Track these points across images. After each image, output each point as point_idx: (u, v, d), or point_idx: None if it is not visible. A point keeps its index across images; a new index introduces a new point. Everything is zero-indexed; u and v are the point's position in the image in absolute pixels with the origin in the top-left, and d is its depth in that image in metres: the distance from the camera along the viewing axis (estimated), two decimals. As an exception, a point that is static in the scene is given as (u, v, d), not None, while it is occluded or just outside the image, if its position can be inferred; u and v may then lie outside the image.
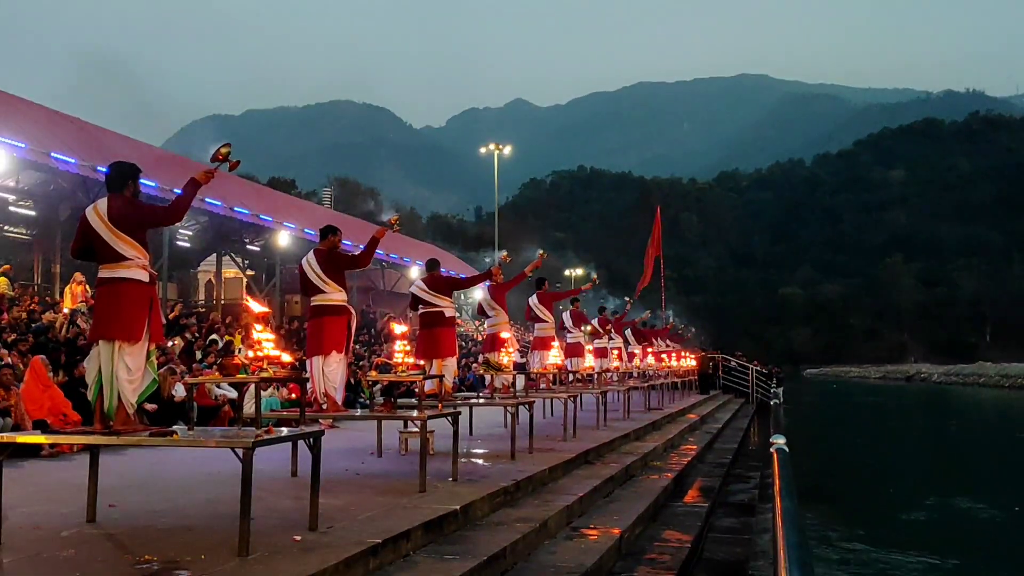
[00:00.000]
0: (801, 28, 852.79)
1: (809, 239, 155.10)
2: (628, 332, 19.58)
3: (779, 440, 4.41)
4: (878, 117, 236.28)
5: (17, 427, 8.43)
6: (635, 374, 18.80)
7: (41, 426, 8.72)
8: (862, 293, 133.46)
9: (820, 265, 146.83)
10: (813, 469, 16.26)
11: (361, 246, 8.11)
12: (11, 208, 21.55)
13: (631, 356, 19.06)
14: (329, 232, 7.83)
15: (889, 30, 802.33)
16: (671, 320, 31.86)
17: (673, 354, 23.92)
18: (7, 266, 18.71)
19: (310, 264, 7.57)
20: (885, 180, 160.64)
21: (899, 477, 17.28)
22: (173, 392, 11.12)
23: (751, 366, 31.93)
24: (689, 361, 26.36)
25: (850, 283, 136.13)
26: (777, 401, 29.22)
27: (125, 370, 4.94)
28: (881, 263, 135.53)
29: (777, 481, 3.36)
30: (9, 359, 9.98)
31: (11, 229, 23.21)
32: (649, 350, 20.90)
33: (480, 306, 12.11)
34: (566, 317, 15.38)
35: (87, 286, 16.67)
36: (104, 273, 5.08)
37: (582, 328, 15.75)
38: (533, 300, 13.28)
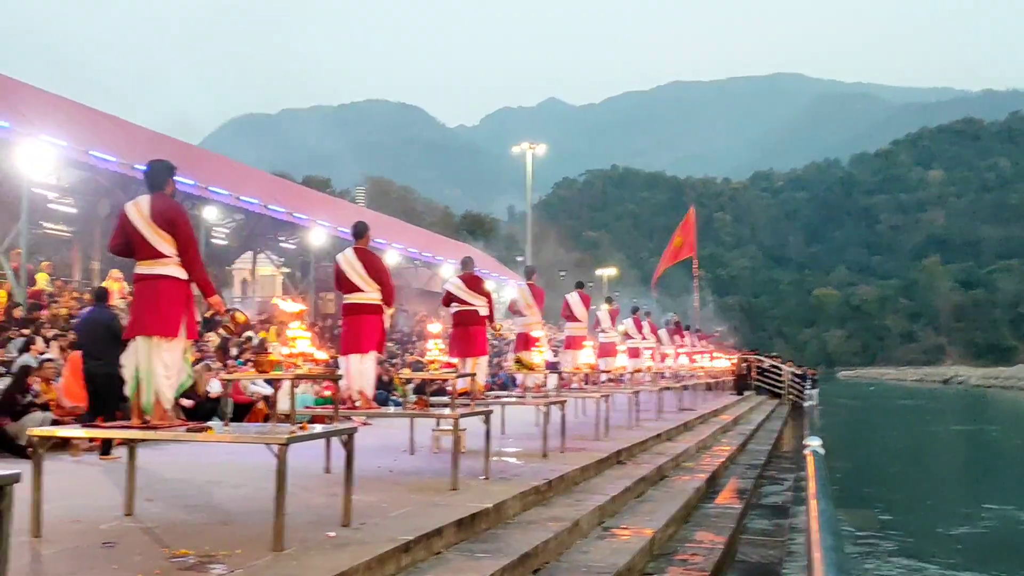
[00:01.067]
0: (837, 26, 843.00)
1: (844, 240, 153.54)
2: (663, 332, 19.52)
3: (814, 442, 4.36)
4: (916, 116, 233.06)
5: (56, 422, 8.57)
6: (667, 374, 18.72)
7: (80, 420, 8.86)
8: (898, 295, 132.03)
9: (856, 266, 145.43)
10: (849, 474, 16.01)
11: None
12: (51, 205, 21.90)
13: (663, 356, 18.98)
14: (366, 229, 7.82)
15: (927, 28, 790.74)
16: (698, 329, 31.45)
17: (706, 355, 23.80)
18: (47, 263, 19.02)
19: (349, 262, 7.55)
20: (923, 180, 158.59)
21: (941, 483, 16.93)
22: (208, 388, 11.24)
23: (785, 367, 31.66)
24: (723, 362, 26.18)
25: (886, 284, 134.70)
26: (812, 403, 28.95)
27: (162, 365, 5.01)
28: (918, 264, 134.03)
29: (812, 483, 3.32)
30: (51, 354, 10.14)
31: (51, 226, 23.58)
32: (681, 350, 20.81)
33: (513, 304, 12.10)
34: (602, 316, 15.37)
35: (124, 283, 16.92)
36: (142, 269, 5.14)
37: (616, 327, 15.74)
38: (573, 298, 13.26)
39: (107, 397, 8.24)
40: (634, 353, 16.78)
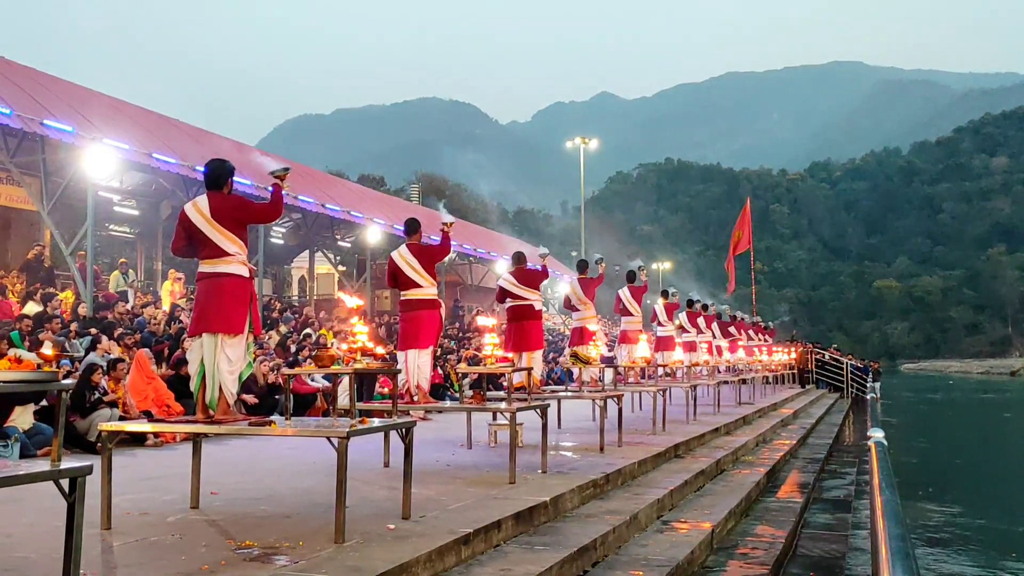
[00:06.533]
0: (896, 11, 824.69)
1: (906, 230, 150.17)
2: (714, 325, 19.31)
3: (877, 433, 4.31)
4: (980, 102, 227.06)
5: (124, 418, 8.79)
6: (722, 368, 18.49)
7: (146, 416, 9.07)
8: (963, 285, 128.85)
9: (918, 257, 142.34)
10: (915, 472, 15.58)
11: (435, 238, 8.15)
12: (115, 208, 22.43)
13: (720, 350, 18.78)
14: (419, 226, 7.90)
15: (991, 11, 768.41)
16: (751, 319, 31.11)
17: (764, 348, 23.49)
18: (123, 260, 19.52)
19: (404, 258, 7.64)
20: (987, 168, 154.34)
21: (1013, 480, 16.35)
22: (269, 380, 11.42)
23: (846, 360, 31.14)
24: (782, 356, 25.81)
25: (950, 275, 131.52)
26: (874, 395, 28.45)
27: (226, 361, 5.12)
28: (983, 254, 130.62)
29: (876, 475, 3.27)
30: (115, 353, 10.39)
31: (115, 228, 24.16)
32: (740, 344, 20.56)
33: (567, 299, 12.07)
34: (659, 310, 15.27)
35: (183, 283, 17.28)
36: (205, 268, 5.24)
37: (673, 321, 15.62)
38: (624, 293, 13.19)
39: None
40: (690, 347, 16.64)
